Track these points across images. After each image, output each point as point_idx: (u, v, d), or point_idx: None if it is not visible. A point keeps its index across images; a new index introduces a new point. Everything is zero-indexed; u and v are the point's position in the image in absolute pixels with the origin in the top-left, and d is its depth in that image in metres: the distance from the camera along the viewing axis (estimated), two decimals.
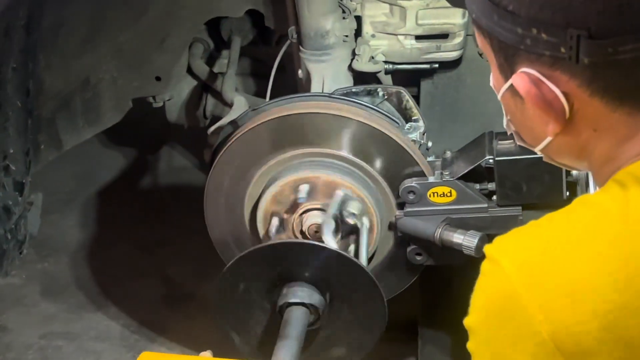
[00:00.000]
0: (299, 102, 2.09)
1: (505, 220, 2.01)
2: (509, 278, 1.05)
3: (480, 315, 1.10)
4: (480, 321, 1.09)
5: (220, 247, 2.23)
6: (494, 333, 1.07)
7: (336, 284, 1.97)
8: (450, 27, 2.27)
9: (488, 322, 1.08)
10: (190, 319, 2.79)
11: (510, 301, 1.04)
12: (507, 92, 1.13)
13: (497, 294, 1.06)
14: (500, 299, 1.06)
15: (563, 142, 1.12)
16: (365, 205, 2.05)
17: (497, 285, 1.06)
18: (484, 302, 1.09)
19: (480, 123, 2.41)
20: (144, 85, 2.67)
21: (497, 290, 1.06)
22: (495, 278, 1.07)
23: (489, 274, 1.09)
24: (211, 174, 2.15)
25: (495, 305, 1.06)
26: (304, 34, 2.26)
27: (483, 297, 1.09)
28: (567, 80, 1.05)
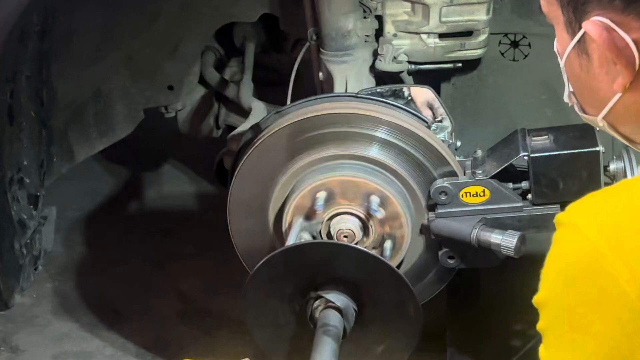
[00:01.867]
0: (325, 102, 2.03)
1: (543, 219, 1.94)
2: (588, 239, 0.99)
3: (556, 285, 1.04)
4: (557, 291, 1.03)
5: (245, 257, 2.15)
6: (573, 301, 1.01)
7: (369, 290, 1.90)
8: (475, 23, 2.22)
9: (566, 289, 1.02)
10: (208, 335, 2.74)
11: (592, 263, 0.99)
12: (572, 51, 1.12)
13: (576, 258, 1.01)
14: (581, 262, 1.00)
15: (630, 102, 1.10)
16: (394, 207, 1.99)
17: (576, 249, 1.01)
18: (560, 270, 1.03)
19: (503, 124, 2.37)
20: (156, 95, 2.62)
21: (576, 253, 1.01)
22: (572, 241, 1.02)
23: (564, 239, 1.03)
24: (235, 179, 2.07)
25: (575, 269, 1.01)
26: (324, 35, 2.21)
27: (558, 265, 1.03)
28: (639, 27, 1.04)
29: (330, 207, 1.99)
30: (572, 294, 1.02)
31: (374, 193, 1.96)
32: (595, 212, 1.03)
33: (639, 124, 1.14)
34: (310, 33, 2.26)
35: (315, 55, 2.31)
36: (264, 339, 1.98)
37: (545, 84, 2.41)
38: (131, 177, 3.46)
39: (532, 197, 1.98)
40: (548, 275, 1.05)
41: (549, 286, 1.05)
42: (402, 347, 1.97)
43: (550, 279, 1.05)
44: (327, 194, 1.96)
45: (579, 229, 1.01)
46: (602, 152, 1.94)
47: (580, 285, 1.01)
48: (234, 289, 2.66)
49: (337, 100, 2.05)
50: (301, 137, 2.01)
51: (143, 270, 2.99)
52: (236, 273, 2.46)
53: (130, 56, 2.53)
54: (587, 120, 1.22)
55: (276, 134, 2.02)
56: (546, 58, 2.40)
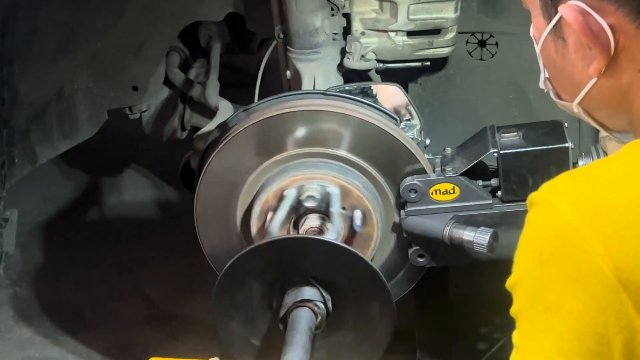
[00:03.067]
0: (294, 100, 2.01)
1: (515, 215, 1.93)
2: (562, 215, 0.98)
3: (529, 264, 1.02)
4: (530, 270, 1.02)
5: (212, 259, 2.11)
6: (547, 279, 1.00)
7: (340, 283, 1.87)
8: (443, 21, 2.21)
9: (540, 268, 1.00)
10: (174, 339, 2.71)
11: (566, 239, 0.97)
12: (548, 36, 1.13)
13: (550, 235, 0.99)
14: (555, 239, 0.98)
15: (605, 87, 1.10)
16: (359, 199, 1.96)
17: (550, 226, 0.99)
18: (534, 249, 1.01)
19: (471, 124, 2.36)
20: (120, 96, 2.57)
21: (550, 230, 0.99)
22: (546, 219, 1.00)
23: (537, 217, 1.02)
24: (202, 179, 2.04)
25: (549, 247, 0.99)
26: (292, 33, 2.18)
27: (532, 243, 1.02)
28: (614, 11, 1.04)
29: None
30: (546, 272, 1.00)
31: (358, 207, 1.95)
32: (568, 189, 1.02)
33: (613, 109, 1.14)
34: (277, 31, 2.24)
35: (283, 54, 2.28)
36: (232, 339, 1.94)
37: (513, 83, 2.42)
38: (94, 181, 3.41)
39: (501, 194, 1.97)
40: (521, 256, 1.04)
41: (523, 266, 1.03)
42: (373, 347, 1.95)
43: (524, 258, 1.03)
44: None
45: (552, 206, 1.00)
46: (571, 148, 1.94)
47: (554, 262, 0.99)
48: (200, 293, 2.64)
49: (305, 98, 2.02)
50: (269, 135, 1.98)
51: (107, 275, 2.95)
52: (202, 277, 2.43)
53: (94, 56, 2.48)
54: (562, 106, 1.22)
55: (244, 132, 1.99)
56: (513, 57, 2.42)
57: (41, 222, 3.22)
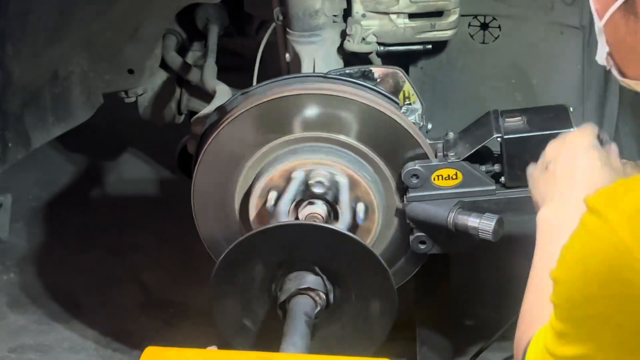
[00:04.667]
0: (293, 83, 1.97)
1: (520, 201, 1.90)
2: (616, 233, 0.96)
3: (575, 272, 1.00)
4: (575, 278, 1.00)
5: (209, 245, 2.08)
6: (595, 293, 0.99)
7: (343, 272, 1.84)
8: (446, 3, 2.17)
9: (586, 280, 1.00)
10: (170, 326, 2.68)
11: (618, 258, 0.96)
12: (617, 12, 1.07)
13: (601, 251, 0.98)
14: (605, 255, 0.97)
15: None
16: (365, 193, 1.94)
17: (602, 240, 0.98)
18: (582, 258, 1.00)
19: (473, 108, 2.33)
20: (115, 79, 2.54)
21: (602, 245, 0.98)
22: (601, 235, 0.99)
23: (592, 227, 1.00)
24: (199, 164, 2.01)
25: (599, 263, 0.98)
26: (291, 15, 2.15)
27: (582, 251, 1.00)
28: None
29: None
30: (593, 286, 0.99)
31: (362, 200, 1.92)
32: (625, 204, 0.99)
33: None
34: (276, 13, 2.20)
35: (282, 37, 2.25)
36: (228, 323, 1.91)
37: (515, 67, 2.38)
38: (90, 166, 3.38)
39: (505, 179, 1.94)
40: (568, 257, 1.03)
41: (568, 270, 1.02)
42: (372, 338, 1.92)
43: (571, 262, 1.02)
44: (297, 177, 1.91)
45: (609, 223, 0.98)
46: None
47: (604, 279, 0.98)
48: (197, 279, 2.60)
49: (305, 81, 1.99)
50: (269, 119, 1.95)
51: (103, 261, 2.92)
52: (199, 263, 2.40)
53: (89, 38, 2.44)
54: (626, 84, 1.17)
55: (242, 115, 1.95)
56: (516, 41, 2.39)
57: (35, 208, 3.18)
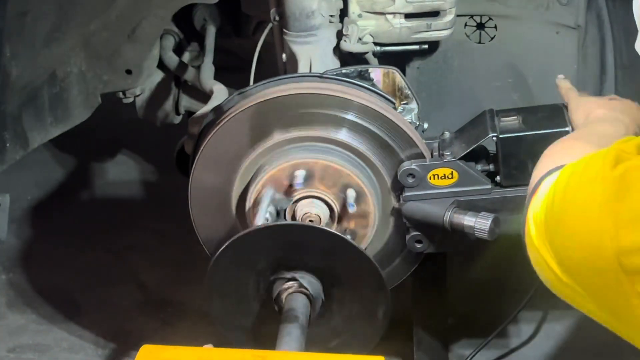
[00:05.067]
0: (290, 82, 1.98)
1: (517, 200, 1.91)
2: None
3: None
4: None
5: (207, 244, 2.09)
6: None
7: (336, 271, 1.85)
8: (442, 3, 2.17)
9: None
10: (169, 326, 2.69)
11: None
12: None
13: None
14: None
15: None
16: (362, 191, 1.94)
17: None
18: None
19: (469, 107, 2.33)
20: (113, 79, 2.52)
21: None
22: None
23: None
24: (196, 164, 2.01)
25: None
26: (288, 15, 2.15)
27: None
28: None
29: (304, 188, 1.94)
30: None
31: (352, 186, 1.92)
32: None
33: None
34: (273, 13, 2.21)
35: (278, 37, 2.25)
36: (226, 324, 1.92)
37: (512, 67, 2.39)
38: (88, 166, 3.39)
39: (500, 178, 1.95)
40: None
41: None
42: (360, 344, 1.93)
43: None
44: (299, 176, 1.91)
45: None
46: (571, 132, 1.91)
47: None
48: (195, 279, 2.60)
49: (302, 81, 1.99)
50: (265, 119, 1.96)
51: (101, 261, 2.93)
52: (197, 263, 2.40)
53: (87, 39, 2.44)
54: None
55: (239, 115, 1.96)
56: (512, 40, 2.39)
57: (34, 208, 3.19)
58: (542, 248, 1.28)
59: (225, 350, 1.57)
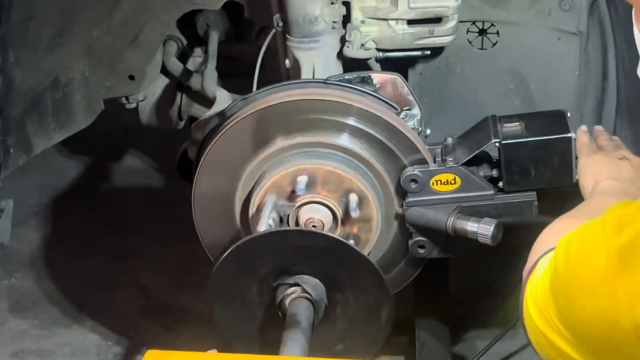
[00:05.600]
0: (293, 89, 1.98)
1: (519, 206, 1.92)
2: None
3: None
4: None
5: (210, 249, 2.09)
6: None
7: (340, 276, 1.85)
8: (444, 10, 2.17)
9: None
10: (170, 331, 2.69)
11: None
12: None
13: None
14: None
15: None
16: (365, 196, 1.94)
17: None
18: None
19: (472, 113, 2.33)
20: (116, 85, 2.53)
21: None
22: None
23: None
24: (200, 169, 2.01)
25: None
26: (291, 21, 2.15)
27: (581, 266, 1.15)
28: None
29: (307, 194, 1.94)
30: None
31: (354, 191, 1.92)
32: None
33: None
34: (276, 19, 2.21)
35: (281, 43, 2.26)
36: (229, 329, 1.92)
37: (514, 72, 2.39)
38: (91, 171, 3.39)
39: (503, 184, 1.95)
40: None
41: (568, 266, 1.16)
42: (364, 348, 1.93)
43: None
44: (301, 182, 1.91)
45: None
46: (574, 138, 1.92)
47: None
48: (197, 284, 2.61)
49: (305, 87, 1.99)
50: (268, 124, 1.96)
51: (103, 265, 2.93)
52: (200, 268, 2.40)
53: (90, 44, 2.45)
54: None
55: (243, 121, 1.96)
56: (514, 46, 2.39)
57: (37, 213, 3.19)
58: (544, 328, 1.25)
59: (229, 356, 1.57)
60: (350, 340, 1.90)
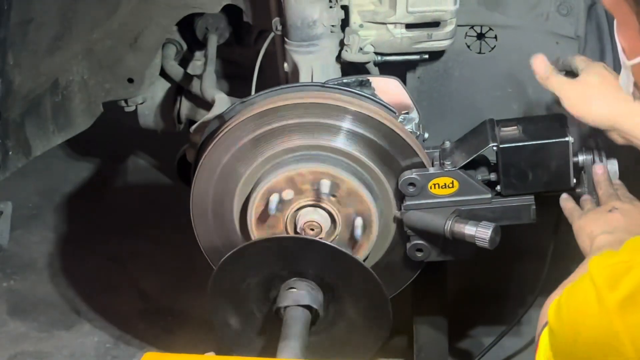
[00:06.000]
0: (292, 92, 1.98)
1: (517, 209, 1.92)
2: (609, 314, 1.07)
3: (569, 331, 1.16)
4: (568, 336, 1.16)
5: (208, 252, 2.09)
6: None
7: (337, 281, 1.86)
8: (442, 14, 2.17)
9: (576, 345, 1.14)
10: (169, 333, 2.70)
11: (606, 339, 1.07)
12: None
13: (593, 326, 1.10)
14: (596, 332, 1.09)
15: None
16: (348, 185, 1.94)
17: (595, 317, 1.10)
18: (576, 322, 1.14)
19: (470, 117, 2.33)
20: (115, 88, 2.54)
21: (594, 322, 1.10)
22: (594, 308, 1.10)
23: (588, 299, 1.12)
24: (198, 172, 2.01)
25: (589, 335, 1.10)
26: (289, 25, 2.15)
27: (577, 315, 1.14)
28: None
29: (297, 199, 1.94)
30: (580, 353, 1.15)
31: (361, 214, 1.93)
32: (623, 286, 1.09)
33: None
34: (275, 23, 2.20)
35: (280, 46, 2.25)
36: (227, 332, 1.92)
37: (512, 77, 2.39)
38: (90, 174, 3.39)
39: (501, 188, 1.95)
40: (565, 311, 1.17)
41: (562, 325, 1.17)
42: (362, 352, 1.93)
43: (566, 319, 1.16)
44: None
45: (603, 301, 1.10)
46: (571, 142, 1.92)
47: (591, 354, 1.12)
48: (196, 287, 2.61)
49: (304, 90, 1.99)
50: (267, 128, 1.96)
51: (102, 268, 2.93)
52: (198, 271, 2.40)
53: (90, 47, 2.45)
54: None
55: (241, 124, 1.96)
56: (512, 51, 2.39)
57: (36, 215, 3.19)
58: None
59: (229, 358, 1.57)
60: (347, 345, 1.90)
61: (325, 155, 1.96)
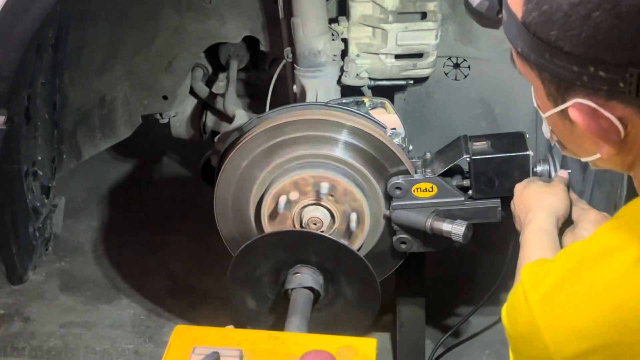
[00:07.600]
0: (300, 110, 1.98)
1: (486, 210, 1.92)
2: (532, 312, 1.05)
3: (508, 323, 1.13)
4: (509, 327, 1.12)
5: (228, 241, 2.09)
6: (518, 350, 1.10)
7: (333, 267, 1.86)
8: (425, 47, 2.18)
9: (512, 337, 1.11)
10: (193, 309, 2.68)
11: (530, 334, 1.05)
12: (555, 115, 1.00)
13: (521, 323, 1.07)
14: (523, 328, 1.07)
15: (613, 159, 1.01)
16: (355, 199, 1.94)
17: (522, 315, 1.07)
18: (511, 318, 1.10)
19: (446, 134, 2.34)
20: (152, 104, 2.54)
21: (522, 319, 1.07)
22: (521, 307, 1.08)
23: (517, 300, 1.09)
24: (221, 175, 2.01)
25: (519, 330, 1.09)
26: (299, 54, 2.16)
27: (510, 313, 1.11)
28: (623, 108, 0.93)
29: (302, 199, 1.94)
30: (517, 343, 1.12)
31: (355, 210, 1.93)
32: (544, 286, 1.06)
33: (619, 169, 1.05)
34: (286, 52, 2.21)
35: (290, 72, 2.26)
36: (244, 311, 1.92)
37: (482, 100, 2.40)
38: (129, 174, 3.38)
39: (472, 192, 1.96)
40: (509, 306, 1.13)
41: (507, 316, 1.14)
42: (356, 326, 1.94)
43: (509, 312, 1.13)
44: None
45: (528, 301, 1.07)
46: (531, 155, 1.92)
47: (521, 346, 1.11)
48: (217, 270, 2.61)
49: (310, 108, 2.00)
50: (278, 139, 1.96)
51: (138, 253, 2.92)
52: (218, 257, 2.40)
53: (131, 70, 2.45)
54: (568, 153, 1.10)
55: (257, 136, 1.96)
56: (483, 78, 2.40)
57: (83, 208, 3.18)
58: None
59: (245, 330, 1.57)
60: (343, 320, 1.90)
61: (326, 163, 1.97)
